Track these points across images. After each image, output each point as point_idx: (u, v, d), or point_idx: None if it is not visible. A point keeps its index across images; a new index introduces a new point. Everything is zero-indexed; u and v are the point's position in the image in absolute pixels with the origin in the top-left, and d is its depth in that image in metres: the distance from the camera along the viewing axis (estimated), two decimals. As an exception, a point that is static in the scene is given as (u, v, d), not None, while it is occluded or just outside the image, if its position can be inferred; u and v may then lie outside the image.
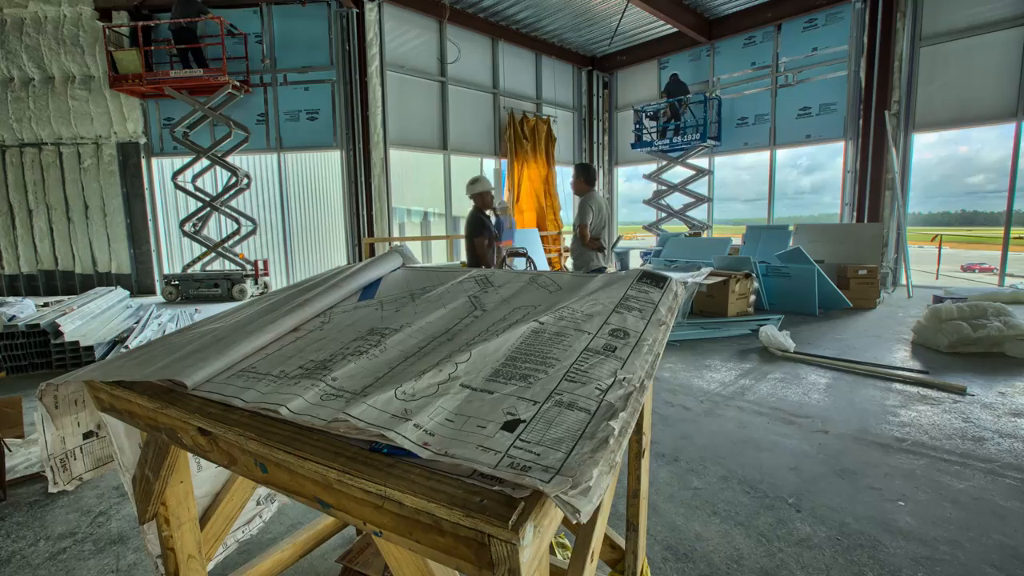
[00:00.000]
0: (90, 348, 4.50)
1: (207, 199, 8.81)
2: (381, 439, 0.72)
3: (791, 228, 7.95)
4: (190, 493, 1.42)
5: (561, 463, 0.65)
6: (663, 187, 11.56)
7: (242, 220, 9.01)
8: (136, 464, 1.33)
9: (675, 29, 10.56)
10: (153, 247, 9.37)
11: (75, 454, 1.29)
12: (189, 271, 8.86)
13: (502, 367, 0.88)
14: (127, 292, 6.75)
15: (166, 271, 9.52)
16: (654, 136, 11.26)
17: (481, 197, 4.53)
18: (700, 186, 11.32)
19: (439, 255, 11.94)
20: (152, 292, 9.35)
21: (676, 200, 11.65)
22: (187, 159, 8.76)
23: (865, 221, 8.50)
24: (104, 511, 2.29)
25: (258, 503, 1.76)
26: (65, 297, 7.69)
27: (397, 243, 9.58)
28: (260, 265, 8.96)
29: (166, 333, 5.31)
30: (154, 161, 9.33)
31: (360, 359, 1.00)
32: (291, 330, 1.26)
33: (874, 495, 2.32)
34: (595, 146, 13.62)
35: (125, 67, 7.98)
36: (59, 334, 4.38)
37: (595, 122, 13.48)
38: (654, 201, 11.72)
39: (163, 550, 1.40)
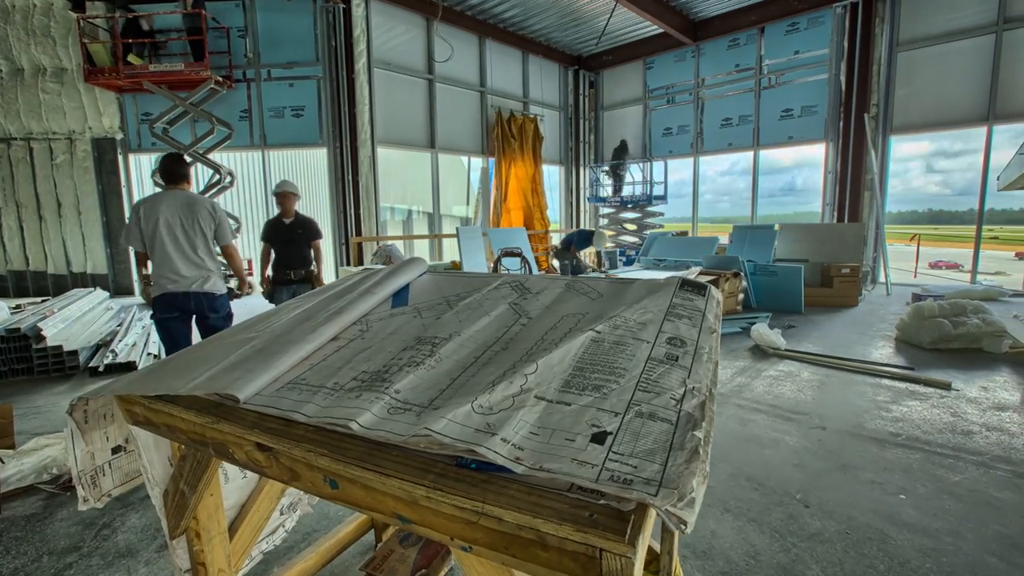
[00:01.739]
0: (74, 353, 4.34)
1: (188, 197, 8.55)
2: (470, 454, 0.72)
3: (776, 228, 8.14)
4: (220, 506, 1.39)
5: (660, 475, 0.66)
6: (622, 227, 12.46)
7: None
8: (168, 478, 1.30)
9: (661, 30, 10.66)
10: (131, 246, 9.06)
11: (104, 470, 1.25)
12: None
13: (571, 378, 0.89)
14: (107, 293, 6.53)
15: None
16: (609, 192, 12.65)
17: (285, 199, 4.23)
18: (685, 186, 11.53)
19: (420, 254, 11.87)
20: (131, 293, 9.05)
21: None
22: (167, 156, 8.48)
23: (846, 221, 8.75)
24: (108, 523, 2.21)
25: (281, 513, 1.73)
26: (38, 299, 7.39)
27: (386, 243, 9.49)
28: (244, 265, 8.75)
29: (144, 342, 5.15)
30: (131, 157, 9.03)
31: (418, 370, 0.99)
32: (330, 339, 1.24)
33: (876, 489, 2.40)
34: (581, 145, 13.69)
35: (102, 60, 7.68)
36: (41, 338, 4.21)
37: (581, 121, 13.55)
38: (613, 225, 12.69)
39: (193, 565, 1.36)
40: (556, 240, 13.61)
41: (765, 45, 10.01)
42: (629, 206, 12.00)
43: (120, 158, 8.86)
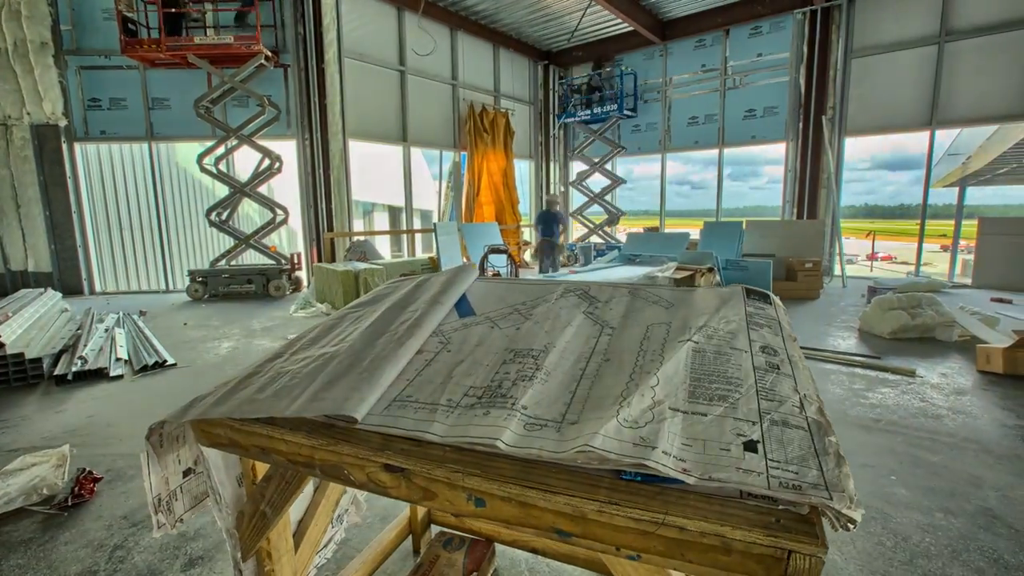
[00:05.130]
0: (37, 360, 4.02)
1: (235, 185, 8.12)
2: (638, 468, 0.76)
3: (744, 225, 8.52)
4: (288, 524, 1.37)
5: (822, 479, 0.71)
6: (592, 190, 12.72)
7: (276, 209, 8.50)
8: (236, 500, 1.26)
9: (630, 28, 10.87)
10: (79, 242, 8.42)
11: (176, 494, 1.20)
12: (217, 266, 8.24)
13: (693, 388, 0.94)
14: (60, 294, 6.07)
15: (95, 267, 8.63)
16: (578, 108, 12.17)
17: None
18: (668, 181, 11.83)
19: (382, 250, 11.67)
20: (79, 292, 8.43)
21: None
22: (117, 145, 7.94)
23: (804, 217, 9.28)
24: (120, 544, 2.10)
25: (332, 526, 1.70)
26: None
27: (360, 238, 9.26)
28: (294, 259, 8.54)
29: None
30: (77, 147, 8.36)
31: (533, 384, 1.01)
32: (415, 352, 1.23)
33: (869, 471, 2.61)
34: (551, 140, 13.80)
35: None
36: (0, 345, 3.88)
37: (551, 117, 13.64)
38: (578, 215, 13.15)
39: (263, 584, 1.33)
40: (527, 235, 13.71)
41: (730, 47, 10.41)
42: (596, 126, 12.26)
43: (64, 147, 8.18)
